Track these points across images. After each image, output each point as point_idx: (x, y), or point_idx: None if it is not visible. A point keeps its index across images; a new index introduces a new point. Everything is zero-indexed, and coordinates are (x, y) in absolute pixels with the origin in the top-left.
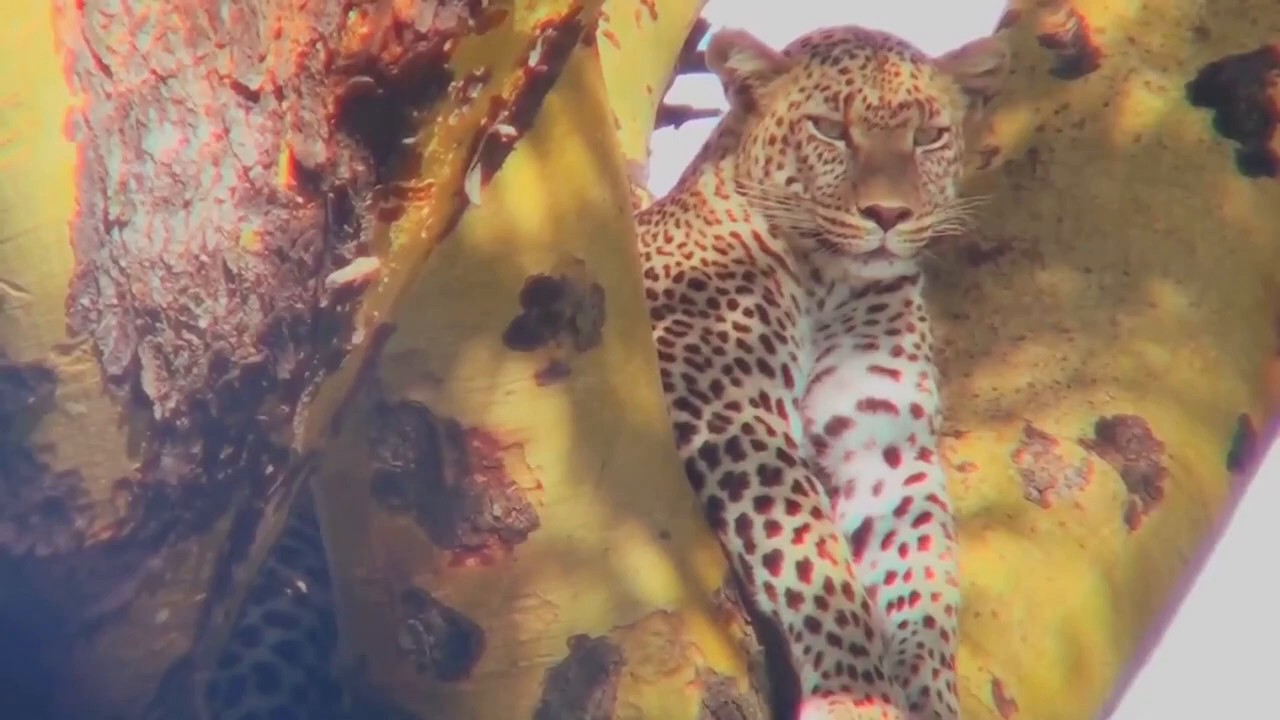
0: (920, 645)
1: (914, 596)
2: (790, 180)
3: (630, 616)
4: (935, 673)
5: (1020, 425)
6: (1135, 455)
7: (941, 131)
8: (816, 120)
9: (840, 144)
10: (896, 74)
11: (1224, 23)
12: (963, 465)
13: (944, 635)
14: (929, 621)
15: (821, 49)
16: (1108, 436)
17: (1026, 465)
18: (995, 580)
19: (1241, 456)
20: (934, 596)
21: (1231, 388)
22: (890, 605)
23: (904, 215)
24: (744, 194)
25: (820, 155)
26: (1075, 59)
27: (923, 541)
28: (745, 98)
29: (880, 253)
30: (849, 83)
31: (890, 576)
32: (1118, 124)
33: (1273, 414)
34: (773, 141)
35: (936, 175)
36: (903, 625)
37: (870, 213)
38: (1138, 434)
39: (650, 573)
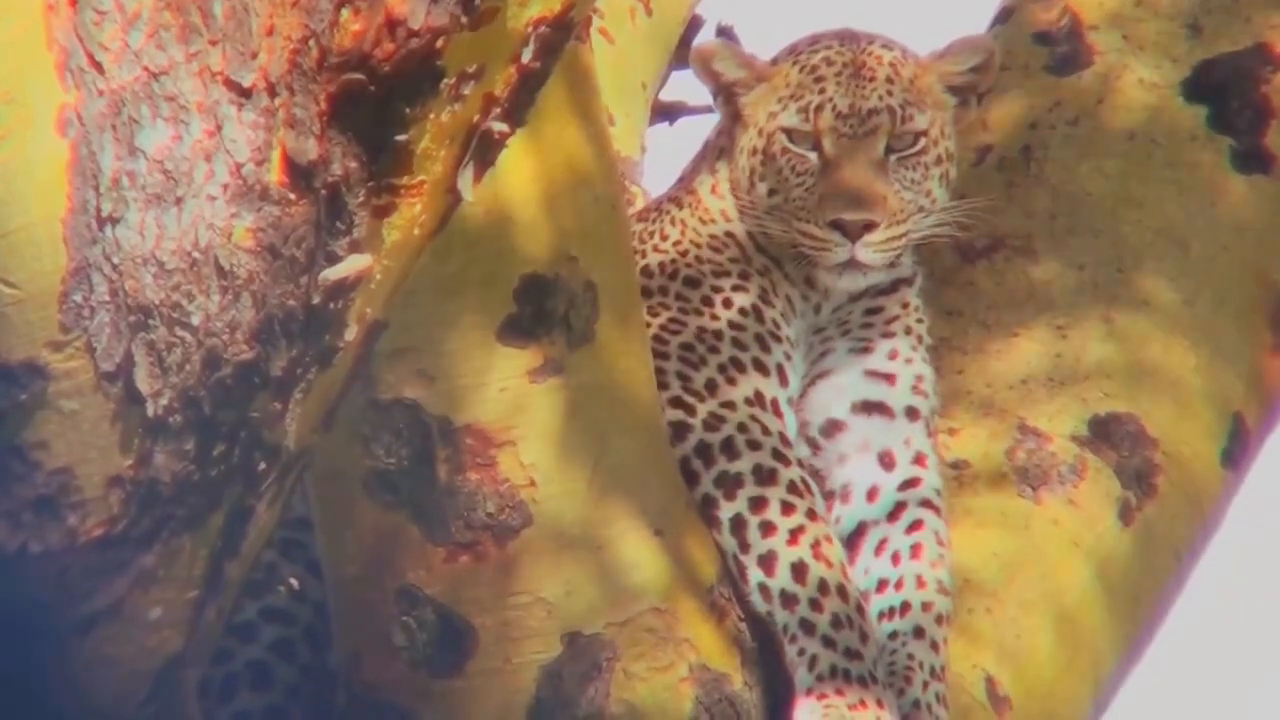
0: (910, 657)
1: (905, 606)
2: (771, 192)
3: (624, 613)
4: (925, 685)
5: (1014, 421)
6: (1129, 452)
7: (918, 136)
8: (790, 133)
9: (812, 155)
10: (871, 79)
11: (1217, 19)
12: (956, 462)
13: (934, 646)
14: (919, 632)
15: (803, 56)
16: (1101, 433)
17: (1020, 462)
18: (989, 576)
19: (1236, 453)
20: (925, 606)
21: (1226, 384)
22: (881, 614)
23: (870, 226)
24: (737, 201)
25: (794, 168)
26: (1069, 55)
27: (915, 549)
28: (731, 108)
29: (852, 264)
30: (821, 92)
31: (882, 584)
32: (1111, 121)
33: (1267, 410)
34: (754, 153)
35: (914, 181)
36: (893, 636)
37: (835, 225)
38: (1132, 431)
39: (644, 569)
